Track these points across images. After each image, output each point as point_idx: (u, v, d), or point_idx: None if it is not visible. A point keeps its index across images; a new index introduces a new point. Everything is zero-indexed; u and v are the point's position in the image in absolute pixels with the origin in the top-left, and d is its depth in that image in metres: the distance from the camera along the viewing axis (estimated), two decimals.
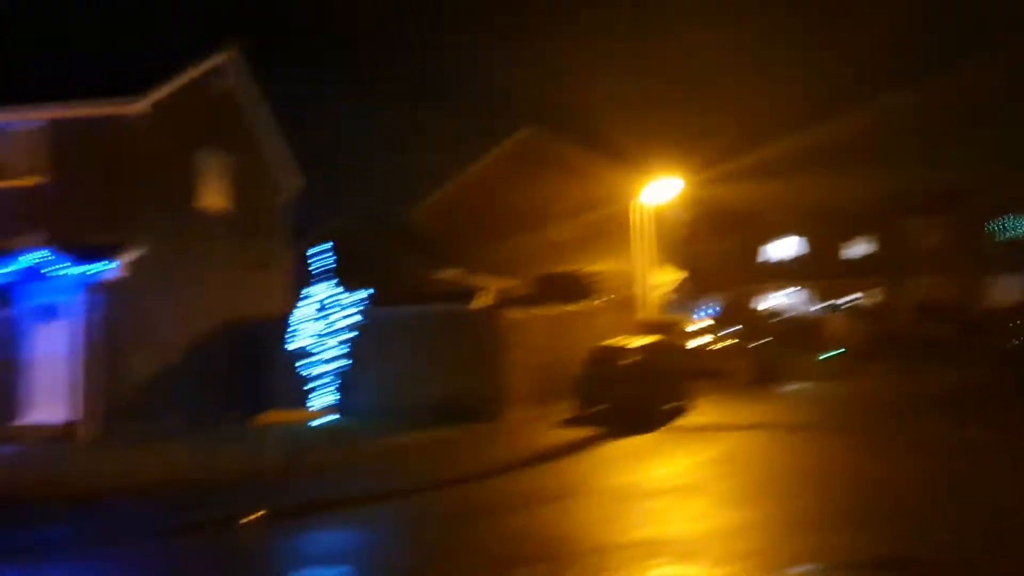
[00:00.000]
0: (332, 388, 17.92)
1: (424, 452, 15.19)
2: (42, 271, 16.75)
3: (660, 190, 26.34)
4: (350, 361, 17.95)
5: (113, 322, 17.10)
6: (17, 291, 17.13)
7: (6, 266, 16.69)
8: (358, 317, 18.19)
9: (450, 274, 29.07)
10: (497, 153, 35.17)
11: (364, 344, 18.08)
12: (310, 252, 17.90)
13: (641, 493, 11.96)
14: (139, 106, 17.82)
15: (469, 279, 28.91)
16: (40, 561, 9.84)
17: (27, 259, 16.70)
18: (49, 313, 17.29)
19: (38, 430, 16.74)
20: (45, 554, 10.03)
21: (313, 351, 17.71)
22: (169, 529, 10.86)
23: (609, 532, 10.00)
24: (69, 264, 16.67)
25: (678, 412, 18.88)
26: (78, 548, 10.29)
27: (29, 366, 17.21)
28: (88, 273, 16.74)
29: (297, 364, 17.83)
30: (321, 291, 17.85)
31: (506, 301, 23.40)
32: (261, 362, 19.47)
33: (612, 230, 30.34)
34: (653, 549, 8.93)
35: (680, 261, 34.68)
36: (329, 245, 18.52)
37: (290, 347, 17.65)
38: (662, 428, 17.41)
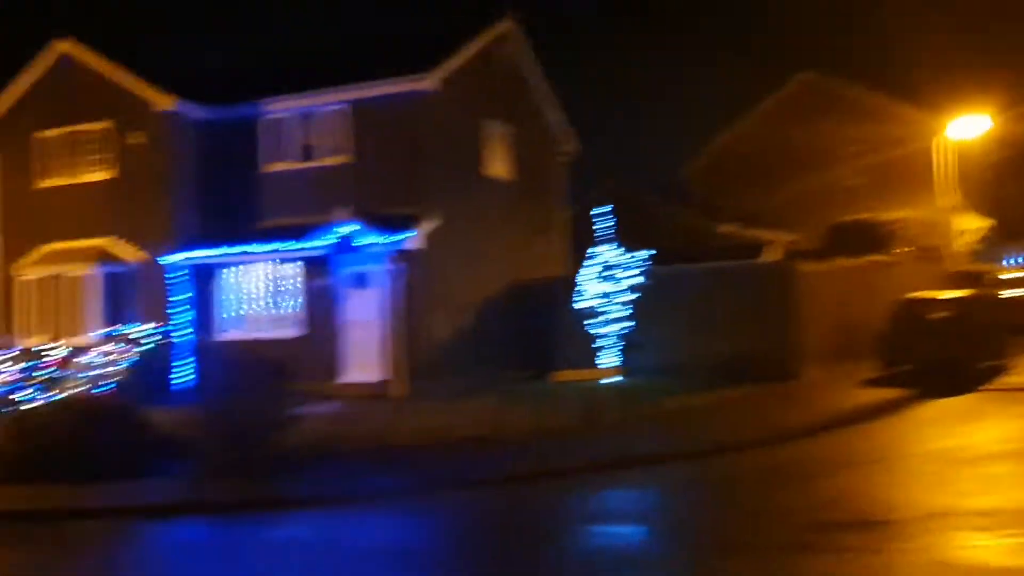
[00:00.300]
0: (618, 348, 18.02)
1: (717, 412, 14.90)
2: (352, 243, 18.14)
3: (963, 129, 23.98)
4: (636, 321, 17.94)
5: (415, 288, 18.21)
6: (332, 262, 18.68)
7: (322, 239, 18.23)
8: (642, 277, 18.12)
9: (729, 229, 28.27)
10: (773, 100, 33.68)
11: (649, 303, 17.99)
12: (592, 214, 18.02)
13: (968, 458, 10.96)
14: (430, 81, 18.76)
15: (749, 233, 27.97)
16: (367, 508, 10.66)
17: (339, 232, 18.13)
18: (360, 281, 18.73)
19: (355, 388, 18.22)
20: (372, 501, 10.86)
21: (598, 311, 17.87)
22: (479, 481, 11.40)
23: (940, 499, 9.20)
24: (374, 235, 17.91)
25: (997, 371, 17.17)
26: (400, 496, 11.02)
27: (345, 330, 18.76)
28: (391, 243, 17.90)
29: (582, 324, 18.09)
30: (604, 252, 17.93)
31: (795, 254, 22.37)
32: (547, 323, 19.96)
33: (906, 175, 28.10)
34: (997, 520, 8.10)
35: (985, 207, 31.49)
36: (610, 207, 18.57)
37: (575, 308, 17.92)
38: (980, 388, 15.92)
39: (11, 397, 18.78)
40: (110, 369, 18.49)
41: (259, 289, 19.86)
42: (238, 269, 19.91)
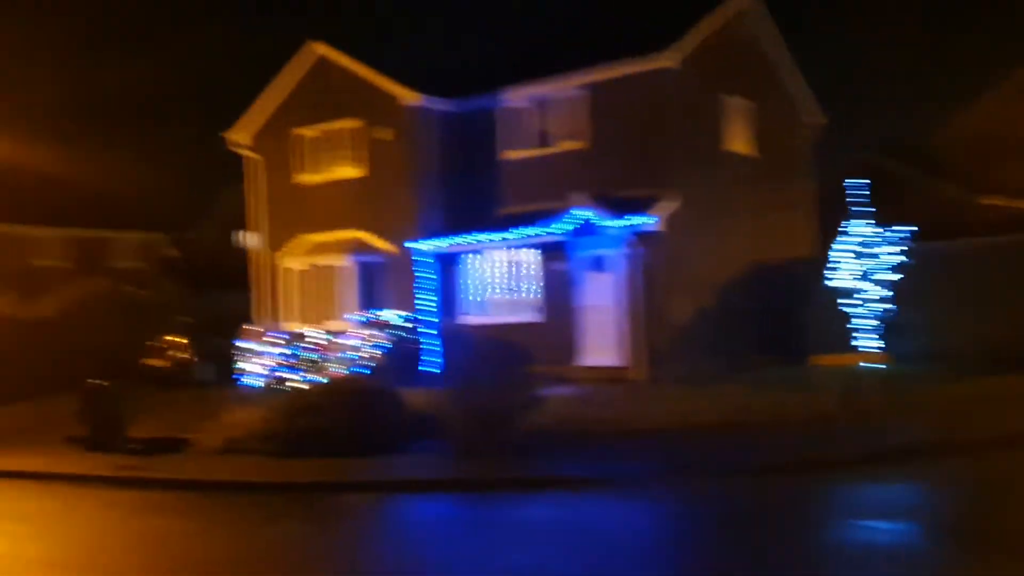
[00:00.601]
0: (876, 332, 16.86)
1: (992, 402, 13.55)
2: (590, 227, 18.10)
3: None
4: (894, 302, 16.72)
5: (654, 271, 17.92)
6: (570, 246, 18.76)
7: (560, 224, 18.33)
8: (900, 254, 16.86)
9: (994, 200, 25.80)
10: None
11: (909, 283, 16.71)
12: (845, 187, 16.97)
13: None
14: (669, 60, 18.33)
15: (1019, 205, 25.40)
16: (615, 491, 10.55)
17: (576, 216, 18.14)
18: (597, 264, 18.69)
19: (594, 372, 18.22)
20: (620, 485, 10.74)
21: (854, 292, 16.80)
22: (729, 469, 10.99)
23: None
24: (612, 219, 17.77)
25: None
26: (648, 482, 10.83)
27: (584, 314, 18.80)
28: (629, 226, 17.70)
29: (835, 306, 17.07)
30: (859, 228, 16.84)
31: None
32: (793, 305, 19.05)
33: None
34: None
35: None
36: (863, 180, 17.42)
37: (827, 288, 16.95)
38: None
39: (281, 377, 20.40)
40: (365, 352, 19.59)
41: (499, 275, 20.32)
42: (479, 256, 20.46)
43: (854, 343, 16.14)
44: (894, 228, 16.66)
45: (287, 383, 19.68)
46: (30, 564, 8.73)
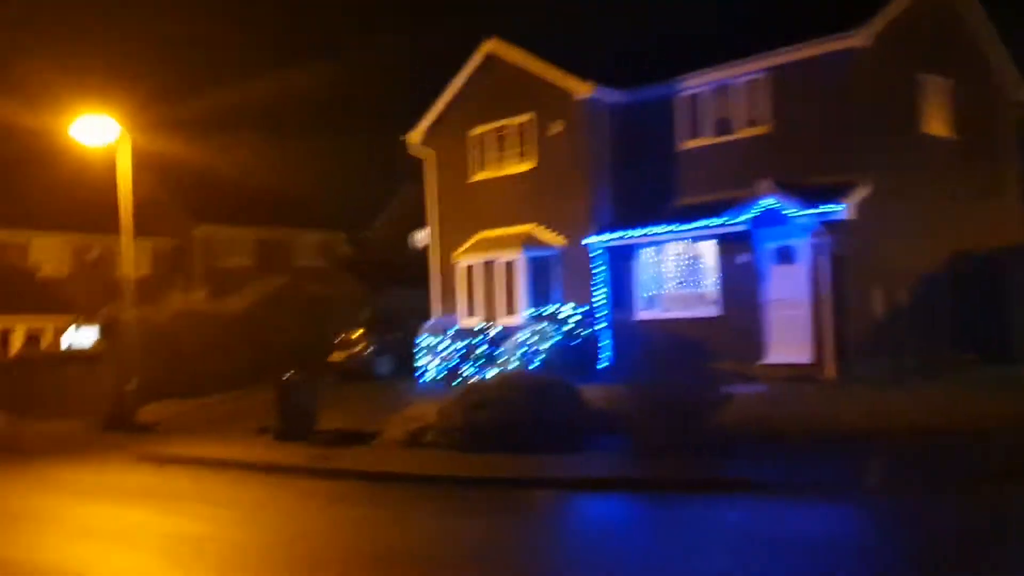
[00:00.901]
0: None
1: None
2: (774, 217, 17.26)
3: None
4: None
5: (845, 262, 16.91)
6: (753, 237, 17.96)
7: (742, 214, 17.56)
8: None
9: None
10: None
11: None
12: None
13: None
14: (860, 39, 17.24)
15: None
16: (811, 497, 9.90)
17: (759, 206, 17.33)
18: (783, 256, 17.80)
19: (780, 369, 17.37)
20: (816, 491, 10.08)
21: None
22: (938, 476, 10.14)
23: None
24: (798, 207, 16.87)
25: None
26: (848, 488, 10.12)
27: (768, 308, 17.96)
28: (817, 215, 16.76)
29: None
30: None
31: None
32: (1000, 299, 17.59)
33: None
34: None
35: None
36: None
37: None
38: None
39: (457, 371, 20.63)
40: (538, 347, 19.49)
41: (676, 268, 19.75)
42: (654, 249, 19.96)
43: None
44: None
45: (463, 377, 19.86)
46: (236, 548, 9.01)
